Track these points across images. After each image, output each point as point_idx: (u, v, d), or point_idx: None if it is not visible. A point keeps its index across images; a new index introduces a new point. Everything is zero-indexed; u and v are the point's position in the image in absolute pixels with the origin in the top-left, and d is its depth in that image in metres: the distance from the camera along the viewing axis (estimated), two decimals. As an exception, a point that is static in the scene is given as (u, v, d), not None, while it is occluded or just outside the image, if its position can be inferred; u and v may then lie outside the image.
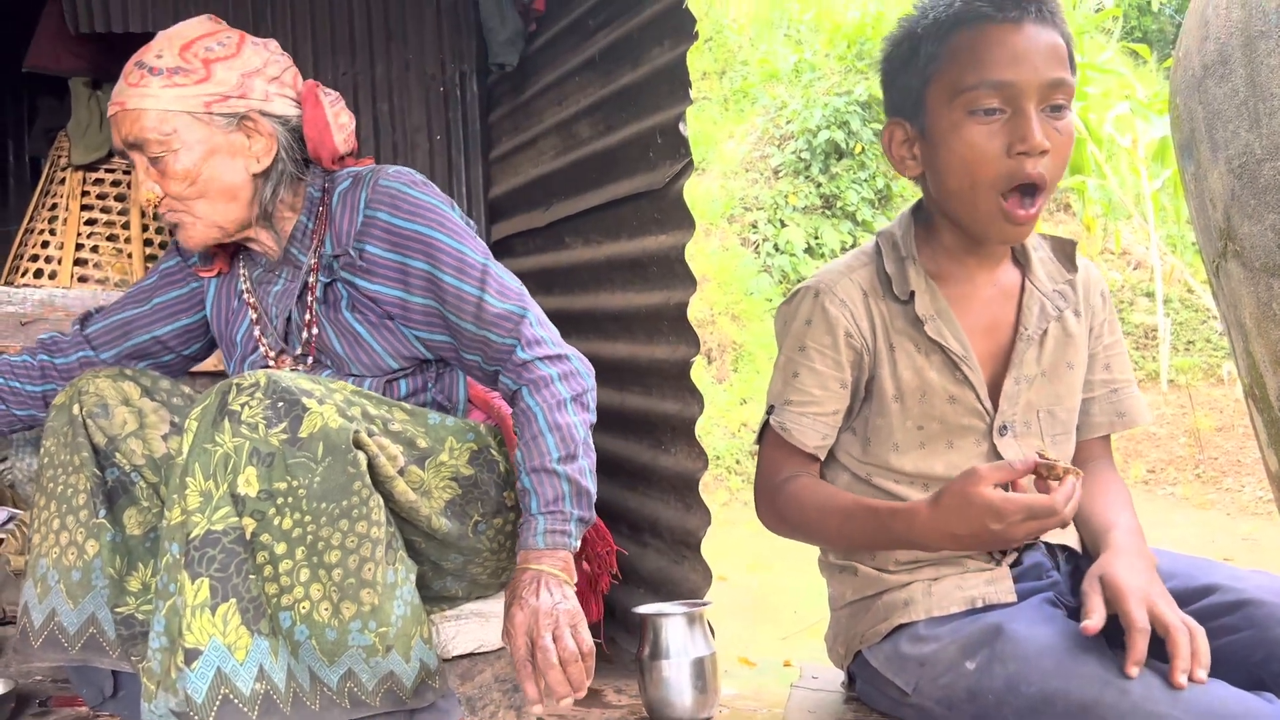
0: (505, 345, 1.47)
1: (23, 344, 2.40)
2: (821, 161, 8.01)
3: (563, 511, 1.40)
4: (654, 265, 2.06)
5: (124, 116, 1.44)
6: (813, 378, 1.43)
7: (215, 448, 1.26)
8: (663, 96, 2.00)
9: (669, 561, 2.11)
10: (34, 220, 3.33)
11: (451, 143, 2.96)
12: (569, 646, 1.32)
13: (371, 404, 1.42)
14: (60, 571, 1.45)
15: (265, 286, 1.60)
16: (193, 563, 1.24)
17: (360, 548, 1.30)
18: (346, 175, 1.56)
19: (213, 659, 1.23)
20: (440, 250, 1.47)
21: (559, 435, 1.42)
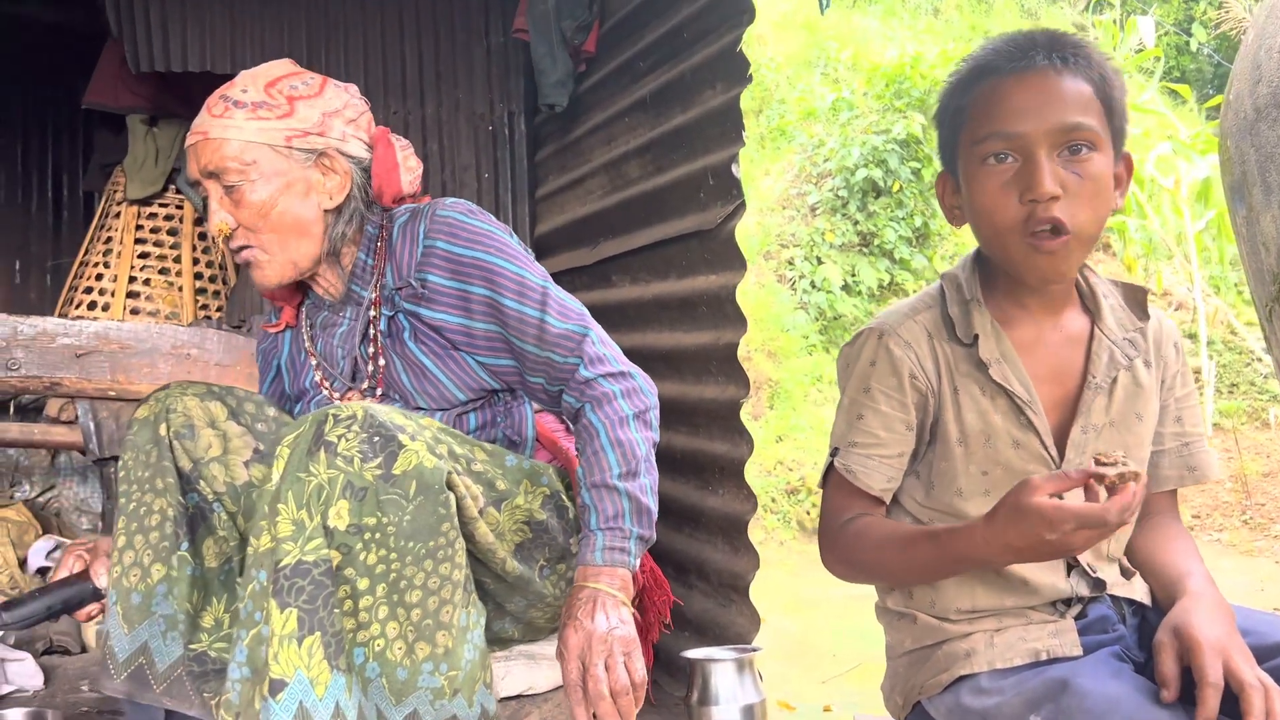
0: (568, 365, 1.47)
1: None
2: (859, 199, 8.00)
3: (622, 528, 1.38)
4: (703, 305, 2.06)
5: (205, 145, 1.47)
6: (877, 419, 1.41)
7: (310, 478, 1.24)
8: (714, 138, 2.01)
9: (715, 604, 2.09)
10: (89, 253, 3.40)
11: (499, 181, 2.99)
12: (620, 679, 1.29)
13: (456, 442, 1.40)
14: (119, 593, 1.42)
15: (330, 330, 1.60)
16: (281, 592, 1.22)
17: (441, 589, 1.28)
18: (404, 210, 1.58)
19: (297, 692, 1.20)
20: (500, 275, 1.48)
21: (620, 451, 1.41)
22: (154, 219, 3.42)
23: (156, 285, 3.24)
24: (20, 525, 3.02)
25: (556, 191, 2.91)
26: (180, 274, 3.30)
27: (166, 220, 3.45)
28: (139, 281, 3.28)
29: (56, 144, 4.24)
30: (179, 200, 3.49)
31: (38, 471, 3.30)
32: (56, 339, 2.41)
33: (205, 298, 3.46)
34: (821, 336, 7.63)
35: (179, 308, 3.26)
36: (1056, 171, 1.25)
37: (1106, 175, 1.27)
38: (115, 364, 2.46)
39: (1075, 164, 1.26)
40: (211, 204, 1.49)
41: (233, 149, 1.45)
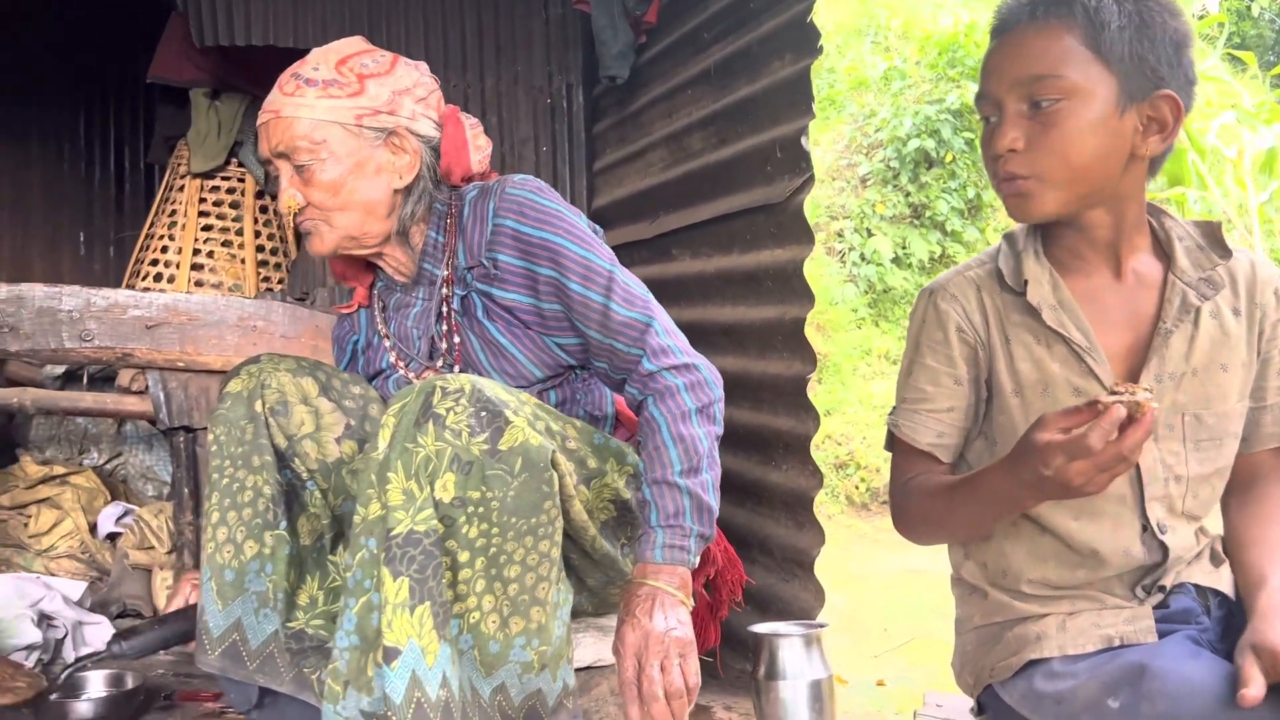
0: (631, 355, 1.45)
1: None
2: (911, 170, 7.89)
3: (682, 526, 1.36)
4: (769, 279, 2.05)
5: (276, 124, 1.46)
6: (925, 374, 1.42)
7: (418, 449, 1.25)
8: (783, 110, 1.99)
9: (778, 579, 2.09)
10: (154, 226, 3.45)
11: (557, 154, 2.99)
12: (675, 681, 1.28)
13: (551, 419, 1.40)
14: (213, 569, 1.43)
15: (404, 311, 1.60)
16: (394, 560, 1.22)
17: (539, 566, 1.29)
18: (473, 187, 1.56)
19: (410, 660, 1.21)
20: (566, 257, 1.46)
21: (682, 447, 1.39)
22: (216, 192, 3.47)
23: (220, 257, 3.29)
24: (90, 491, 3.10)
25: (615, 164, 2.90)
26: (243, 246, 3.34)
27: (229, 193, 3.49)
28: (203, 254, 3.33)
29: (118, 118, 4.30)
30: (240, 173, 3.52)
31: (105, 439, 3.37)
32: (128, 311, 2.46)
33: (267, 270, 3.50)
34: (871, 310, 7.56)
35: (242, 279, 3.30)
36: (1022, 124, 1.26)
37: (1084, 122, 1.25)
38: (184, 335, 2.50)
39: (1041, 116, 1.26)
40: (282, 183, 1.48)
41: (303, 128, 1.44)
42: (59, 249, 4.17)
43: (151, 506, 3.01)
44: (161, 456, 3.36)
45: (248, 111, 3.49)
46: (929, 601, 4.84)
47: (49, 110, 4.13)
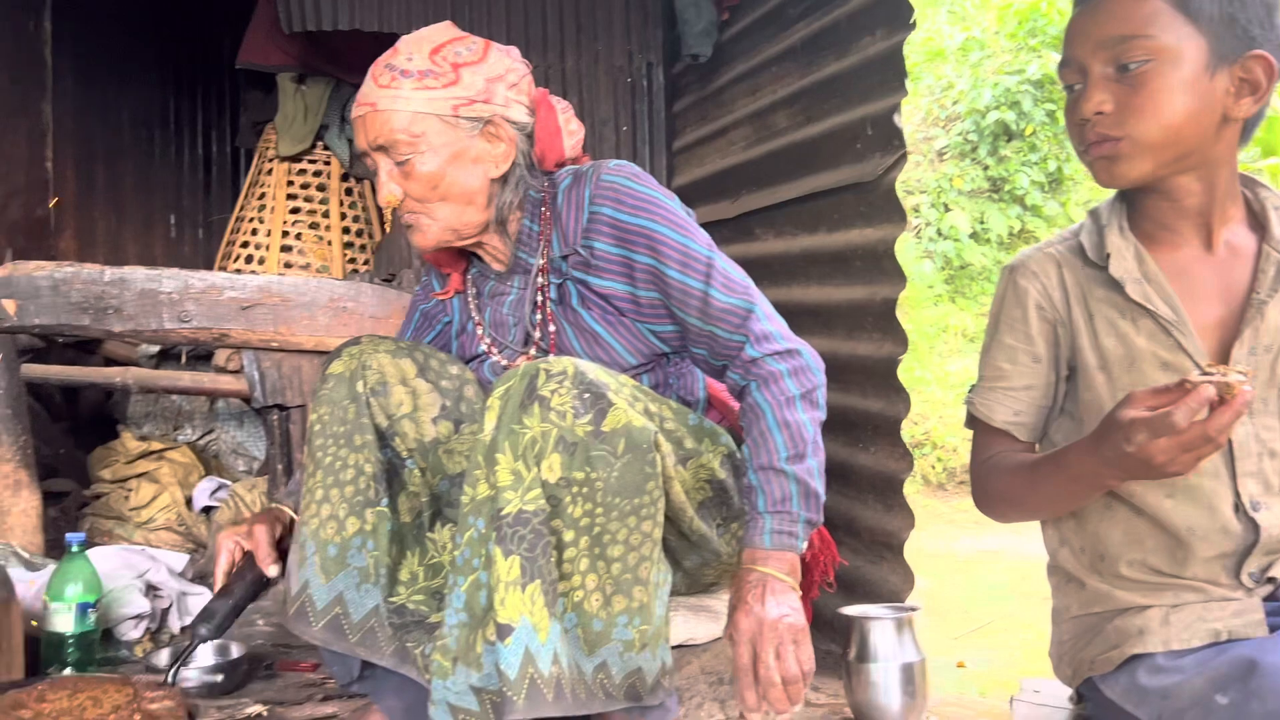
0: (733, 341, 1.44)
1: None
2: (990, 143, 7.72)
3: (790, 512, 1.37)
4: (858, 259, 2.02)
5: (374, 118, 1.45)
6: (1002, 352, 1.40)
7: (524, 430, 1.27)
8: (874, 87, 1.95)
9: (865, 562, 2.07)
10: (244, 209, 3.54)
11: (637, 134, 2.98)
12: (791, 667, 1.29)
13: (650, 400, 1.41)
14: (317, 544, 1.46)
15: (499, 299, 1.61)
16: (505, 539, 1.25)
17: (642, 546, 1.30)
18: (566, 173, 1.56)
19: (523, 637, 1.24)
20: (664, 244, 1.45)
21: (787, 433, 1.38)
22: (303, 175, 3.54)
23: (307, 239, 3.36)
24: (185, 466, 3.20)
25: (695, 143, 2.88)
26: (329, 228, 3.41)
27: (315, 176, 3.56)
28: (291, 236, 3.41)
29: (205, 104, 4.41)
30: (326, 156, 3.59)
31: (198, 416, 3.48)
32: (224, 292, 2.53)
33: (353, 251, 3.57)
34: (948, 286, 7.44)
35: (329, 261, 3.38)
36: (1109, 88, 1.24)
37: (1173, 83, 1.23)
38: (277, 316, 2.57)
39: (1129, 78, 1.24)
40: (380, 176, 1.48)
41: (401, 121, 1.43)
42: (151, 232, 4.31)
43: (245, 482, 3.10)
44: (252, 433, 3.46)
45: (333, 95, 3.55)
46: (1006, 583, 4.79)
47: (140, 97, 4.25)
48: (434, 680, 1.33)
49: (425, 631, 1.45)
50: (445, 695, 1.32)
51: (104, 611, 2.08)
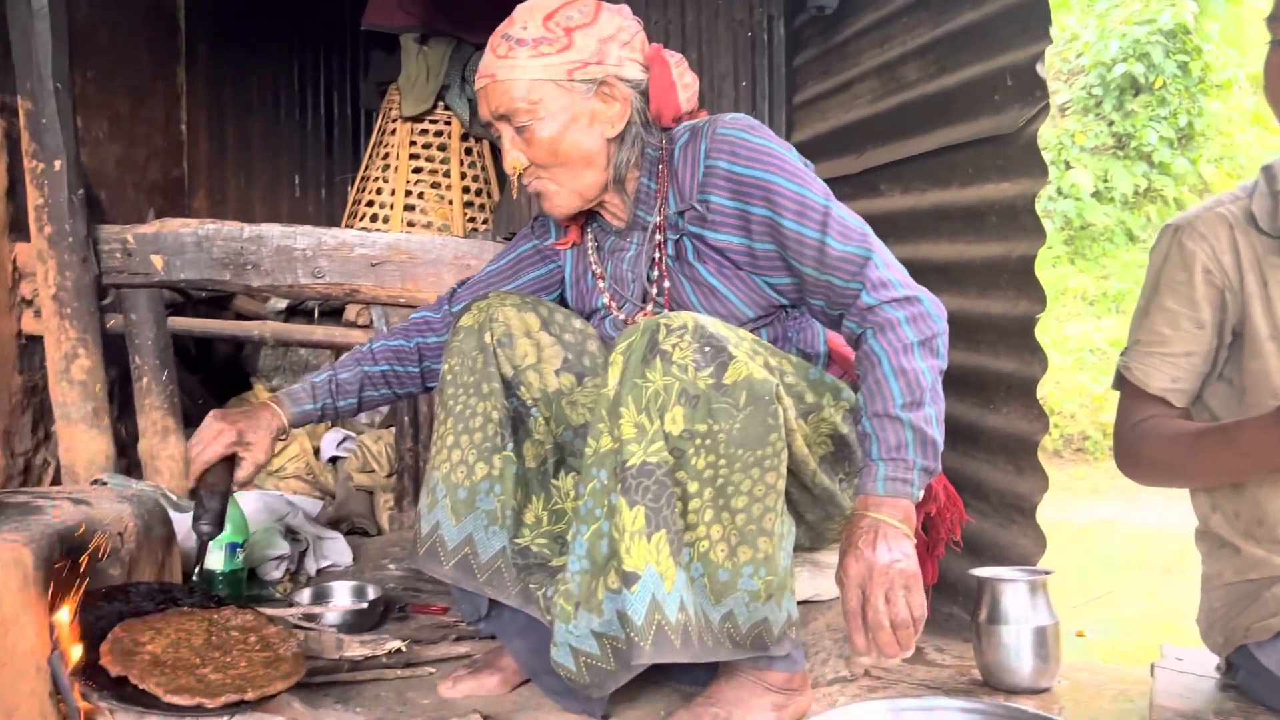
0: (850, 290, 1.41)
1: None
2: (1115, 97, 7.38)
3: (905, 459, 1.33)
4: (994, 215, 1.97)
5: (494, 88, 1.48)
6: (1163, 316, 1.35)
7: (647, 384, 1.31)
8: (1015, 35, 1.89)
9: (994, 525, 2.04)
10: (369, 169, 3.62)
11: (756, 88, 2.95)
12: (900, 612, 1.27)
13: (769, 354, 1.42)
14: (448, 487, 1.53)
15: (619, 254, 1.62)
16: (630, 490, 1.29)
17: (766, 497, 1.32)
18: (683, 129, 1.55)
19: (649, 585, 1.28)
20: (780, 194, 1.44)
21: (904, 380, 1.35)
22: (425, 135, 3.60)
23: (429, 199, 3.43)
24: (314, 418, 3.32)
25: (817, 98, 2.83)
26: (450, 188, 3.47)
27: (436, 136, 3.62)
28: (414, 195, 3.48)
29: (328, 64, 4.51)
30: (447, 116, 3.65)
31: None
32: (355, 249, 2.60)
33: (472, 210, 3.63)
34: (1067, 247, 7.18)
35: (450, 220, 3.44)
36: None
37: None
38: (405, 273, 2.63)
39: None
40: (504, 144, 1.52)
41: (520, 90, 1.46)
42: (277, 191, 4.45)
43: (371, 433, 3.21)
44: (375, 387, 3.56)
45: (454, 55, 3.59)
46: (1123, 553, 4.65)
47: (267, 59, 4.37)
48: (556, 623, 1.38)
49: (548, 574, 1.50)
50: (567, 638, 1.37)
51: (250, 552, 2.19)
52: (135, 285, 2.55)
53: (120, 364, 2.58)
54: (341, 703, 1.59)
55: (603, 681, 1.37)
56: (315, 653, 1.64)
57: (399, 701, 1.62)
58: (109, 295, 2.56)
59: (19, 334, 2.45)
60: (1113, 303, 6.75)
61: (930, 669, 1.82)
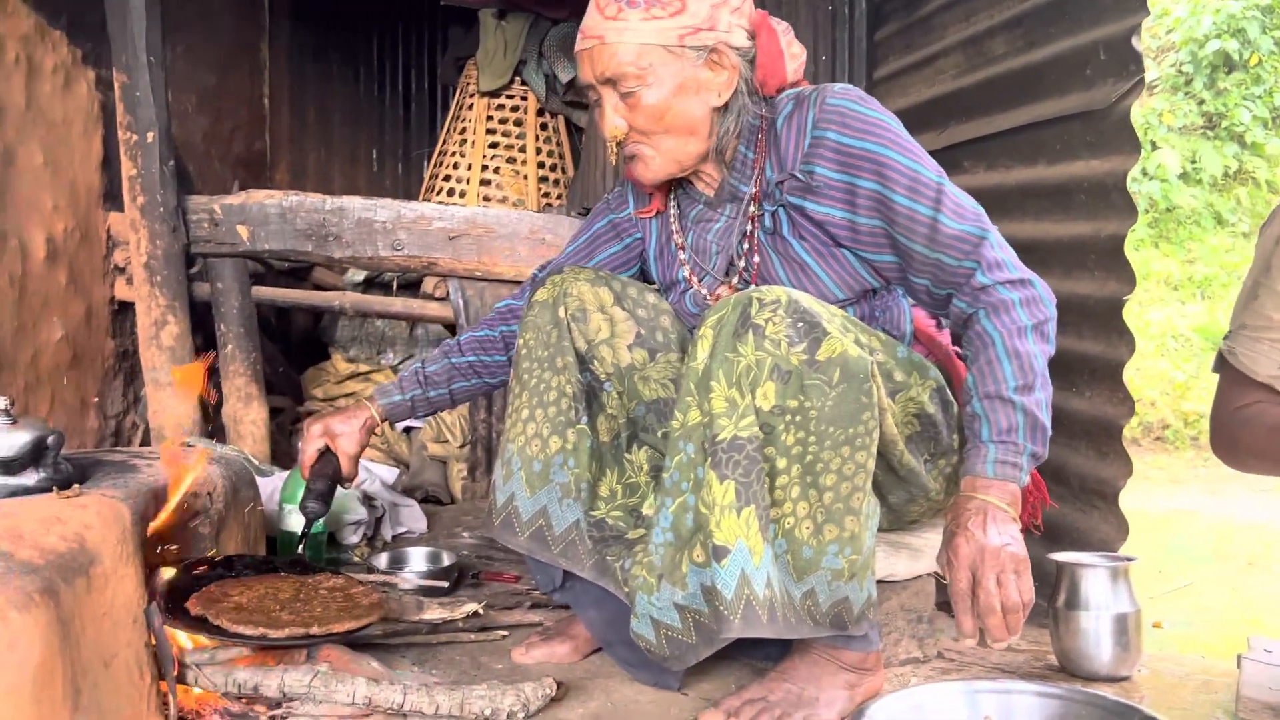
0: (963, 269, 1.39)
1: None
2: (1207, 75, 7.12)
3: (1015, 443, 1.32)
4: (1082, 193, 1.92)
5: (600, 51, 1.44)
6: (1272, 300, 1.30)
7: (739, 358, 1.30)
8: (1108, 7, 1.83)
9: (1074, 510, 2.00)
10: (446, 143, 3.66)
11: (836, 62, 2.90)
12: (1012, 596, 1.26)
13: (860, 331, 1.40)
14: (523, 460, 1.54)
15: (705, 225, 1.60)
16: (720, 464, 1.29)
17: (855, 476, 1.31)
18: (786, 98, 1.51)
19: (739, 559, 1.28)
20: (891, 168, 1.40)
21: (1017, 363, 1.34)
22: (502, 110, 3.62)
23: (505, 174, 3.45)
24: (389, 389, 3.38)
25: (898, 72, 2.78)
26: (525, 163, 3.49)
27: (513, 111, 3.64)
28: (489, 170, 3.51)
29: (406, 40, 4.56)
30: (524, 91, 3.66)
31: (400, 341, 3.66)
32: (433, 223, 2.64)
33: (547, 185, 3.64)
34: (1151, 230, 6.96)
35: (524, 195, 3.46)
36: None
37: None
38: (481, 246, 2.66)
39: None
40: (605, 108, 1.47)
41: (628, 53, 1.42)
42: (356, 164, 4.52)
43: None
44: (449, 359, 3.61)
45: (531, 31, 3.61)
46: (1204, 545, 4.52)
47: (347, 34, 4.43)
48: (638, 594, 1.38)
49: (624, 546, 1.50)
50: (649, 610, 1.37)
51: (330, 516, 2.24)
52: (222, 254, 2.62)
53: (207, 331, 2.66)
54: (418, 664, 1.63)
55: (683, 654, 1.37)
56: (395, 614, 1.68)
57: (473, 665, 1.65)
58: (197, 264, 2.63)
59: (112, 300, 2.53)
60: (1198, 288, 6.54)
61: (1005, 653, 1.80)
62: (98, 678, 1.18)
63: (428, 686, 1.41)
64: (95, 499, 1.27)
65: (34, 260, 2.14)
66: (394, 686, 1.39)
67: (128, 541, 1.27)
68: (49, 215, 2.21)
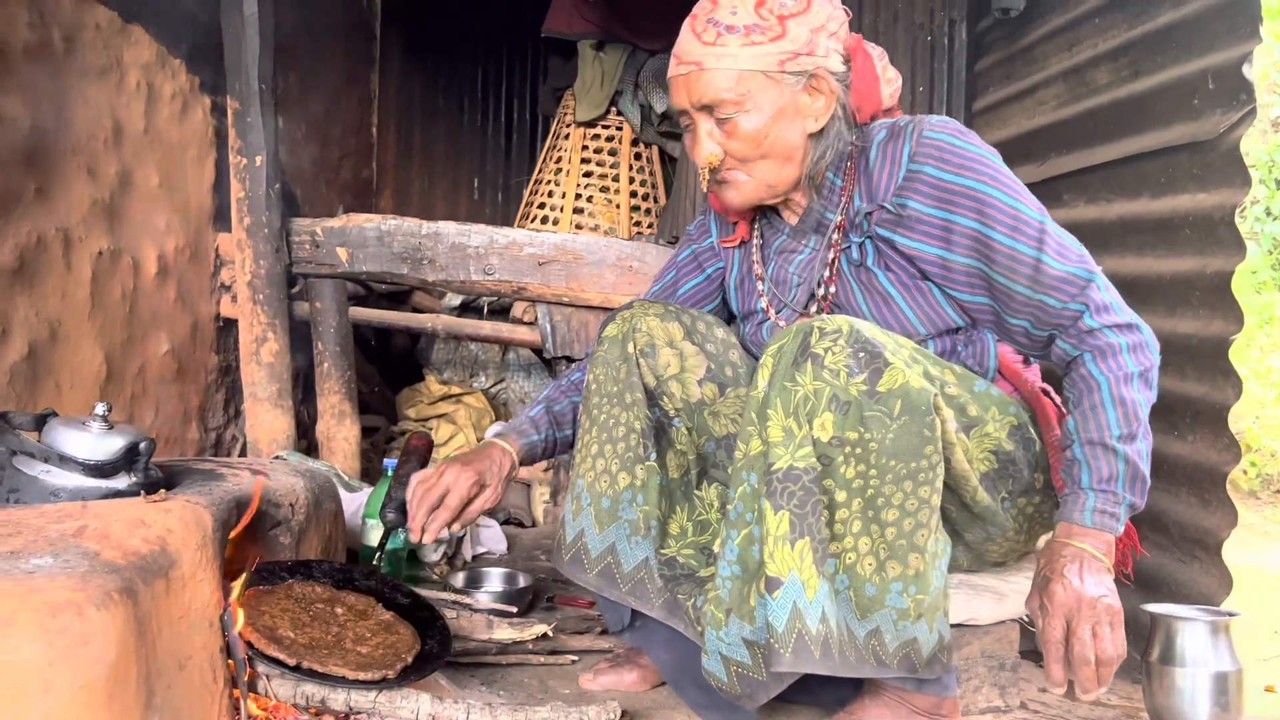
0: (1068, 311, 1.36)
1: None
2: (1339, 111, 6.75)
3: (1115, 492, 1.30)
4: (1187, 228, 1.83)
5: (698, 77, 1.40)
6: None
7: (796, 387, 1.28)
8: (1218, 35, 1.75)
9: (1173, 560, 1.89)
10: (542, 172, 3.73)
11: (934, 94, 2.86)
12: (1106, 649, 1.23)
13: (930, 363, 1.37)
14: (592, 496, 1.53)
15: (787, 255, 1.57)
16: (775, 494, 1.26)
17: (919, 512, 1.28)
18: (880, 126, 1.48)
19: (791, 592, 1.25)
20: (992, 206, 1.36)
21: (1122, 410, 1.30)
22: (597, 140, 3.68)
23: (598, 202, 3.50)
24: (479, 411, 3.44)
25: (998, 104, 2.72)
26: (618, 192, 3.53)
27: (608, 141, 3.69)
28: (583, 199, 3.55)
29: (510, 71, 4.67)
30: (619, 121, 3.71)
31: (492, 365, 3.73)
32: (524, 249, 2.68)
33: (638, 214, 3.67)
34: (1275, 273, 6.61)
35: (616, 223, 3.50)
36: None
37: None
38: (570, 272, 2.69)
39: None
40: (699, 135, 1.45)
41: (727, 80, 1.38)
42: (458, 193, 4.64)
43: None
44: (538, 383, 3.66)
45: (628, 62, 3.66)
46: (1328, 606, 4.25)
47: (454, 66, 4.57)
48: (707, 630, 1.35)
49: (696, 585, 1.48)
50: (718, 646, 1.34)
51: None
52: (321, 275, 2.71)
53: (309, 351, 2.75)
54: (486, 684, 1.63)
55: (754, 692, 1.33)
56: (466, 633, 1.70)
57: (541, 688, 1.64)
58: (298, 284, 2.73)
59: (217, 317, 2.64)
60: (1327, 334, 6.18)
61: (1093, 707, 1.71)
62: (172, 679, 1.21)
63: (491, 706, 1.41)
64: (179, 504, 1.31)
65: (145, 276, 2.25)
66: (458, 705, 1.39)
67: (208, 546, 1.31)
68: (161, 234, 2.32)
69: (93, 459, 1.35)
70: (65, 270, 1.95)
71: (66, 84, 1.96)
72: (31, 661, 1.03)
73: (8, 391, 1.78)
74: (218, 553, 1.34)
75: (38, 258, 1.87)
